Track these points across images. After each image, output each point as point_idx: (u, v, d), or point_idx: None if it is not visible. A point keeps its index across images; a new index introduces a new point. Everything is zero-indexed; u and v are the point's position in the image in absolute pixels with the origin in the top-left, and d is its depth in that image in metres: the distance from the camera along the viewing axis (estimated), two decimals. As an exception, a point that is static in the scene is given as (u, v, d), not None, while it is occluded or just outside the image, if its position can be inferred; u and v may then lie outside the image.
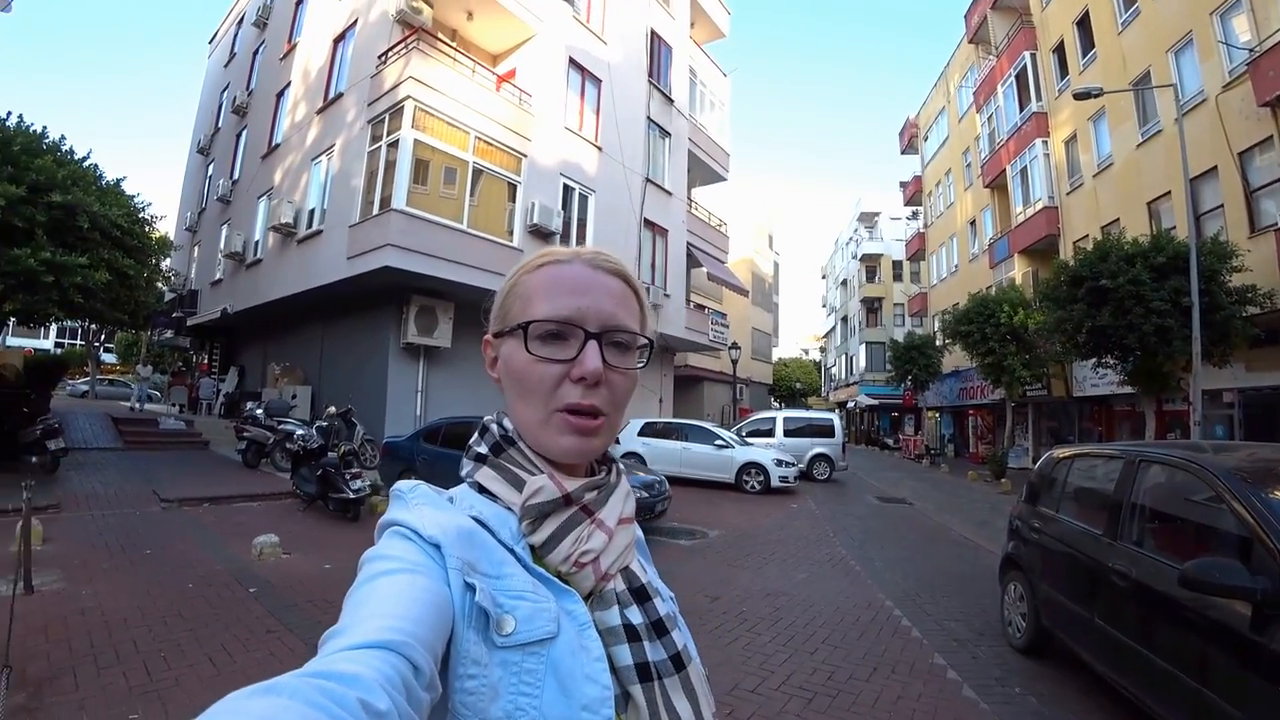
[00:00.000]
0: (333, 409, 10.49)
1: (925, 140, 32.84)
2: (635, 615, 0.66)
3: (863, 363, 43.38)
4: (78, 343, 44.50)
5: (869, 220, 47.00)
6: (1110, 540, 3.63)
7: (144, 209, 9.43)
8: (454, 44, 13.00)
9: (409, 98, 11.31)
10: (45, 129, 8.65)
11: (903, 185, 37.10)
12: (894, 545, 8.72)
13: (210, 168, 21.71)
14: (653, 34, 18.49)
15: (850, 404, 44.22)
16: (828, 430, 17.02)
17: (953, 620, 5.38)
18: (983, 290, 20.78)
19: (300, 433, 9.67)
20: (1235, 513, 2.85)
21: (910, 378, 26.77)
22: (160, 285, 11.19)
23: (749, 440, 15.38)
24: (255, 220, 16.53)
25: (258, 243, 16.12)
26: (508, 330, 0.70)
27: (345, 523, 8.15)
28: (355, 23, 13.65)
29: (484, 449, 0.71)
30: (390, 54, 11.91)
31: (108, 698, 3.38)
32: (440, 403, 12.69)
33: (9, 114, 8.41)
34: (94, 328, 25.40)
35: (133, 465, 11.28)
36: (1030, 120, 20.43)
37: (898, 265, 42.20)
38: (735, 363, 22.26)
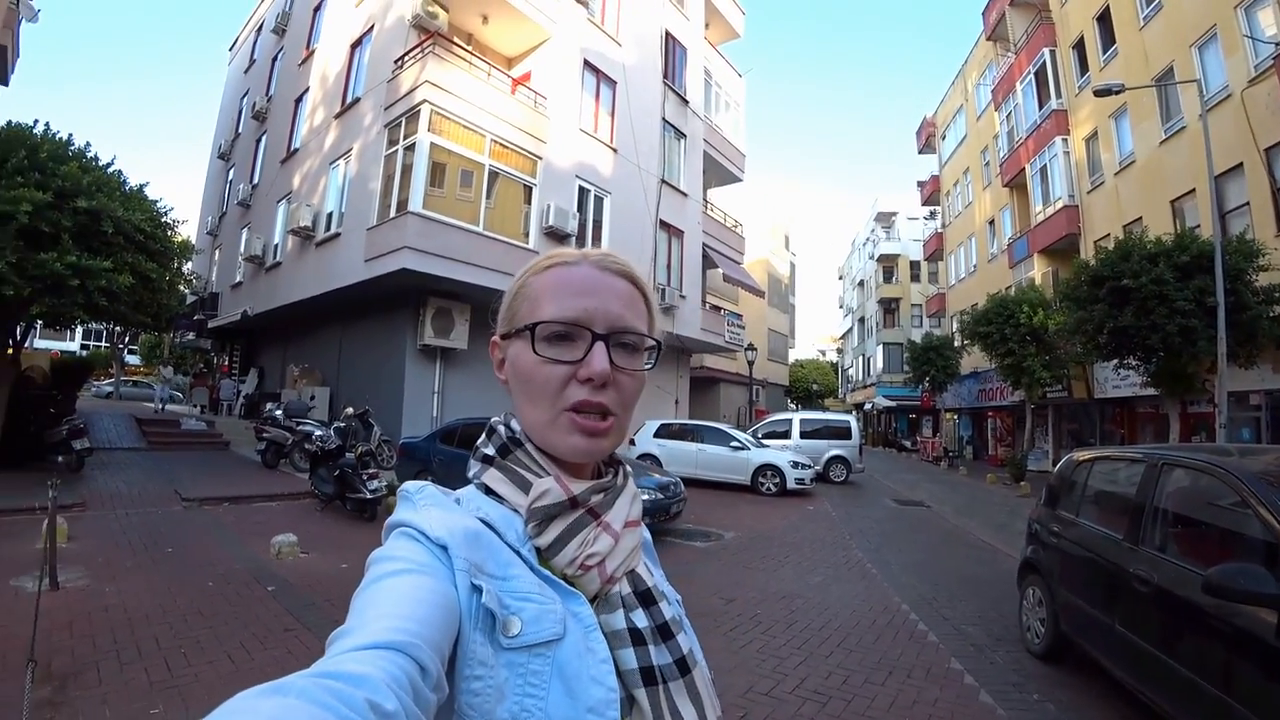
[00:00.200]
0: (350, 410, 10.60)
1: (943, 139, 32.51)
2: (641, 619, 0.65)
3: (880, 364, 43.04)
4: (102, 345, 45.39)
5: (886, 220, 46.57)
6: (1131, 545, 3.57)
7: (166, 213, 9.57)
8: (469, 48, 13.08)
9: (425, 101, 11.40)
10: (71, 136, 8.81)
11: (920, 185, 36.71)
12: (911, 548, 8.64)
13: (231, 172, 22.02)
14: (667, 35, 18.48)
15: (867, 405, 43.85)
16: (844, 432, 16.91)
17: (970, 625, 5.32)
18: (1002, 290, 20.54)
19: (318, 434, 9.77)
20: (1261, 518, 2.79)
21: (928, 379, 26.49)
22: (182, 288, 11.35)
23: (765, 442, 15.30)
24: (275, 224, 16.74)
25: (277, 246, 16.33)
26: (515, 332, 0.69)
27: (362, 523, 8.23)
28: (372, 28, 13.79)
29: (491, 450, 0.71)
30: (406, 58, 12.03)
31: (130, 693, 3.44)
32: (456, 404, 12.77)
33: (36, 122, 8.58)
34: (118, 330, 25.87)
35: (155, 465, 11.48)
36: (1050, 118, 20.14)
37: (915, 265, 41.81)
38: (751, 364, 22.19)
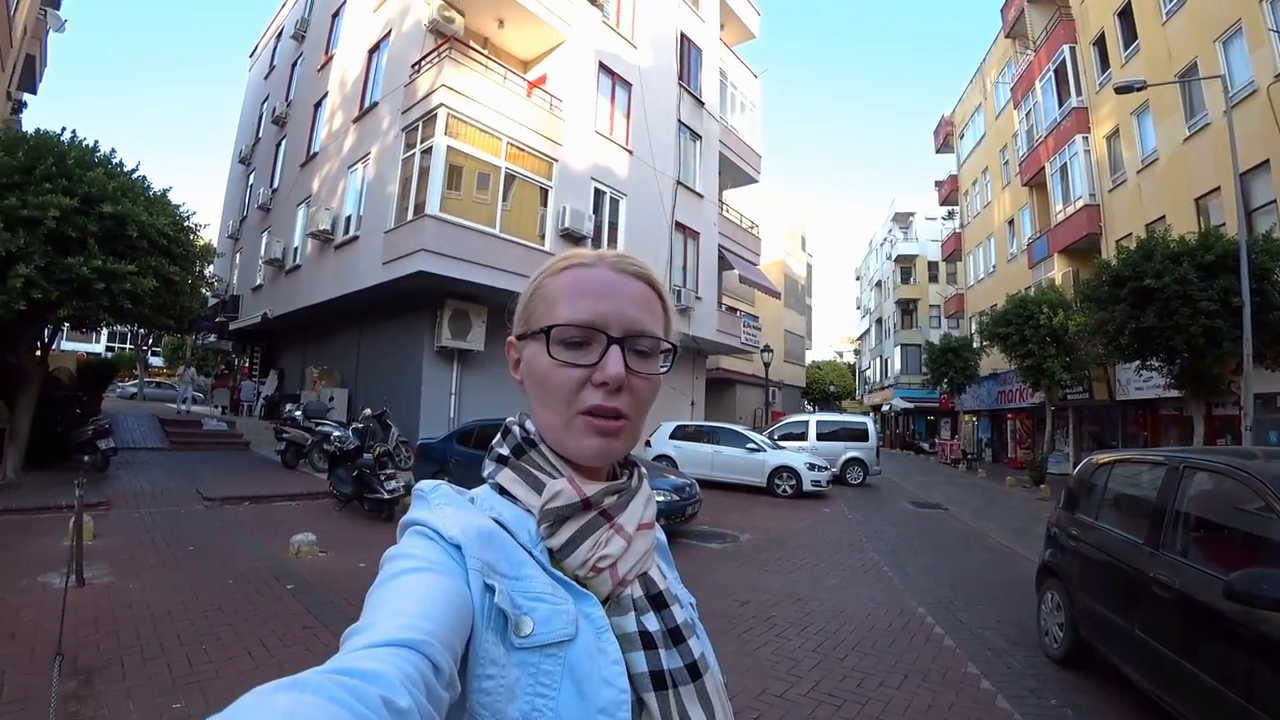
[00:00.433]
0: (368, 411, 10.69)
1: (961, 138, 32.16)
2: (652, 622, 0.65)
3: (898, 365, 42.63)
4: (126, 347, 46.35)
5: (904, 220, 46.17)
6: (1152, 549, 3.52)
7: (189, 218, 9.71)
8: (485, 51, 13.18)
9: (442, 105, 11.50)
10: (97, 143, 8.97)
11: (938, 184, 36.34)
12: (928, 551, 8.56)
13: (251, 177, 22.36)
14: (682, 37, 18.49)
15: (885, 407, 43.49)
16: (861, 434, 16.78)
17: (987, 629, 5.27)
18: (1021, 291, 20.24)
19: (337, 434, 9.88)
20: (1285, 522, 2.75)
21: (946, 380, 26.20)
22: (204, 291, 11.49)
23: (781, 444, 15.24)
24: (294, 227, 16.97)
25: (297, 249, 16.55)
26: (531, 333, 0.69)
27: (380, 522, 8.31)
28: (389, 33, 13.94)
29: (505, 450, 0.71)
30: (423, 63, 12.15)
31: (153, 687, 3.51)
32: (473, 405, 12.86)
33: (63, 129, 8.75)
34: (142, 332, 26.40)
35: (177, 465, 11.68)
36: (1070, 116, 19.85)
37: (933, 266, 41.40)
38: (768, 365, 22.13)
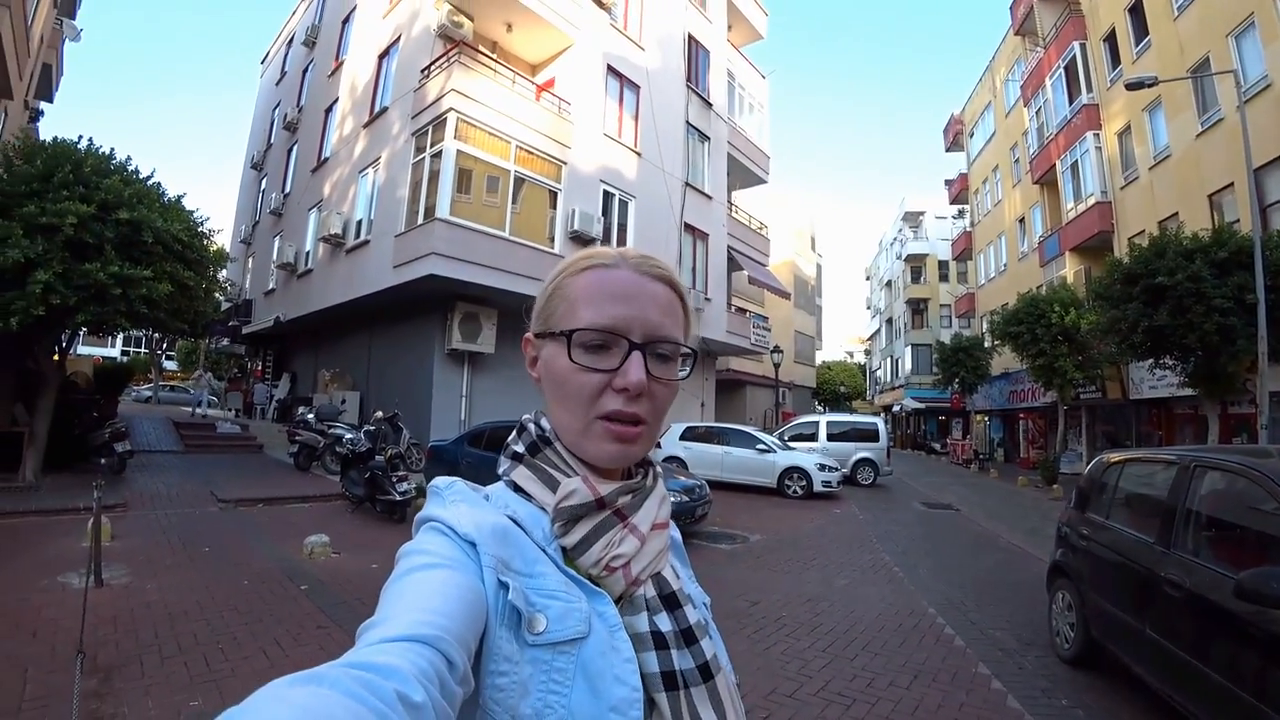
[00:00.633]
0: (380, 414, 10.78)
1: (971, 136, 31.96)
2: (664, 622, 0.65)
3: (908, 365, 42.37)
4: (142, 351, 46.85)
5: (914, 220, 45.91)
6: (1163, 549, 3.51)
7: (202, 223, 9.85)
8: (494, 56, 13.25)
9: (451, 109, 11.58)
10: (113, 150, 9.11)
11: (948, 183, 36.14)
12: (939, 552, 8.54)
13: (263, 182, 22.55)
14: (690, 39, 18.50)
15: (895, 408, 43.29)
16: (872, 434, 16.74)
17: (998, 629, 5.25)
18: (1032, 290, 20.11)
19: (349, 437, 9.98)
20: (1296, 521, 2.74)
21: (958, 380, 26.04)
22: (218, 295, 11.64)
23: (791, 445, 15.22)
24: (306, 231, 17.10)
25: (308, 253, 16.68)
26: (550, 334, 0.69)
27: (392, 524, 8.37)
28: (399, 39, 14.05)
29: (521, 448, 0.71)
30: (433, 68, 12.23)
31: (171, 685, 3.57)
32: (484, 407, 12.91)
33: (80, 137, 8.92)
34: (157, 337, 26.59)
35: (192, 467, 11.81)
36: (1080, 113, 19.71)
37: (944, 265, 41.07)
38: (777, 366, 22.09)
